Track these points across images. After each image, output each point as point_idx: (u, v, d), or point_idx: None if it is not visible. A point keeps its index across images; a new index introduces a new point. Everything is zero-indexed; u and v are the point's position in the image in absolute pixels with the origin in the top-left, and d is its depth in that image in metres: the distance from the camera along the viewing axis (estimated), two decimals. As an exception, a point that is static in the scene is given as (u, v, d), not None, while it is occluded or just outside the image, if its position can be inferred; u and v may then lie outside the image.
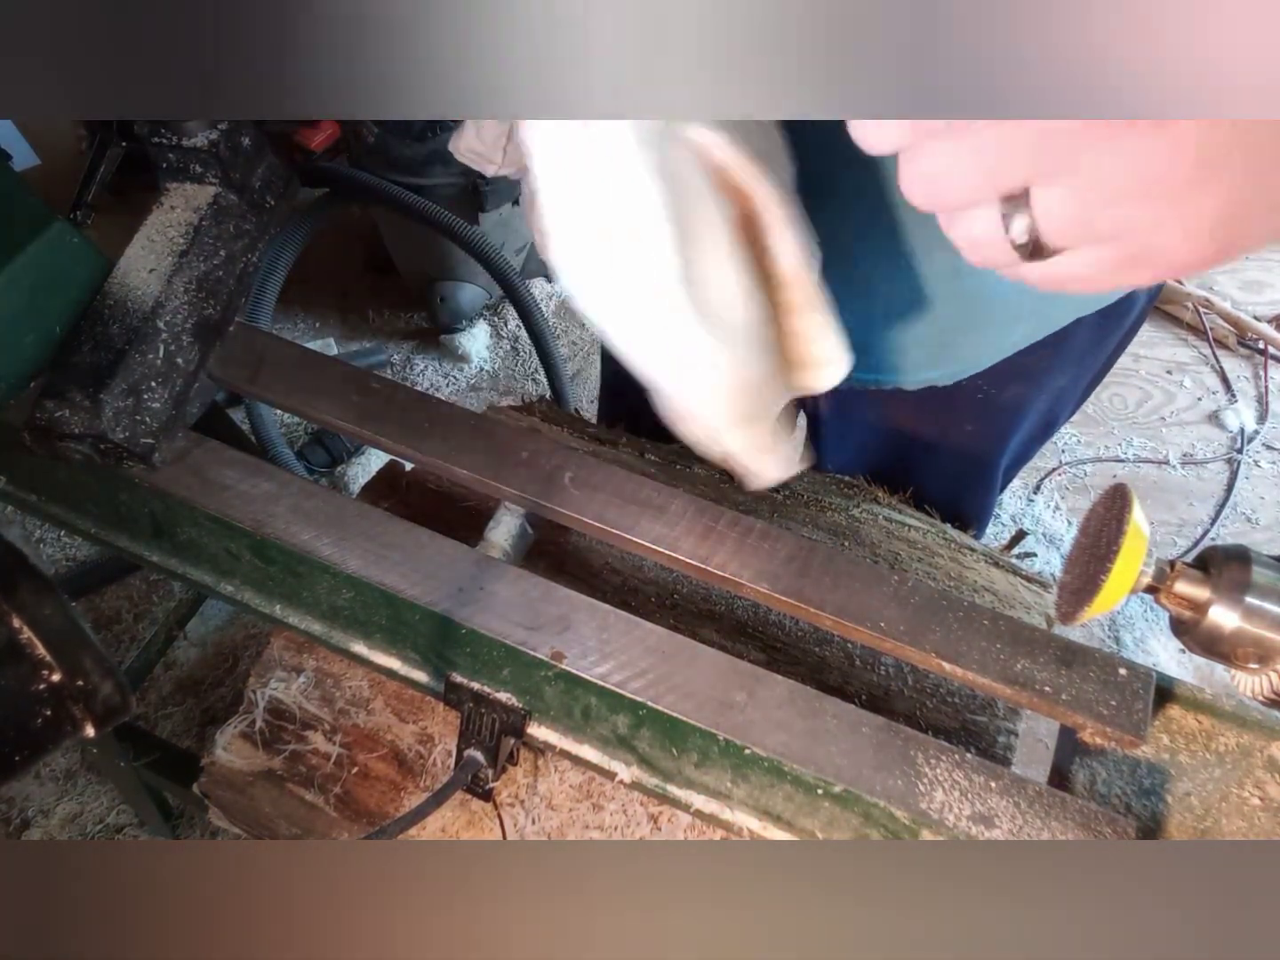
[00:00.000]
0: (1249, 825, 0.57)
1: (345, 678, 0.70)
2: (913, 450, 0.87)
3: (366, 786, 0.66)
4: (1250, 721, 0.61)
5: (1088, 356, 0.79)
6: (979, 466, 0.89)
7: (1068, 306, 0.69)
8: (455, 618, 0.58)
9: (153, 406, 0.61)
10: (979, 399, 0.79)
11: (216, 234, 0.64)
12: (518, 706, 0.59)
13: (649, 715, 0.56)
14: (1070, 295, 0.67)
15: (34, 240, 0.58)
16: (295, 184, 0.69)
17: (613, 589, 0.74)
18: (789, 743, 0.54)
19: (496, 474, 0.64)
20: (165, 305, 0.61)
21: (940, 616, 0.58)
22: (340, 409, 0.66)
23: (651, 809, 0.64)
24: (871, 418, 0.86)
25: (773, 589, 0.59)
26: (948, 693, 0.69)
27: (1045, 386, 0.80)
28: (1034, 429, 0.87)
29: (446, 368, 2.07)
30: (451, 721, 0.67)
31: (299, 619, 0.64)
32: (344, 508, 0.63)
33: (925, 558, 0.80)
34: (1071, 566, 0.52)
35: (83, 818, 1.39)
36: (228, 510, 0.62)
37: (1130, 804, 0.58)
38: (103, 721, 0.36)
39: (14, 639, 0.34)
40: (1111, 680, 0.56)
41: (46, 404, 0.59)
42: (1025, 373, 0.76)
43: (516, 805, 0.65)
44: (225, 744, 0.68)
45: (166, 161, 0.63)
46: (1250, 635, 0.48)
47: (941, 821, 0.52)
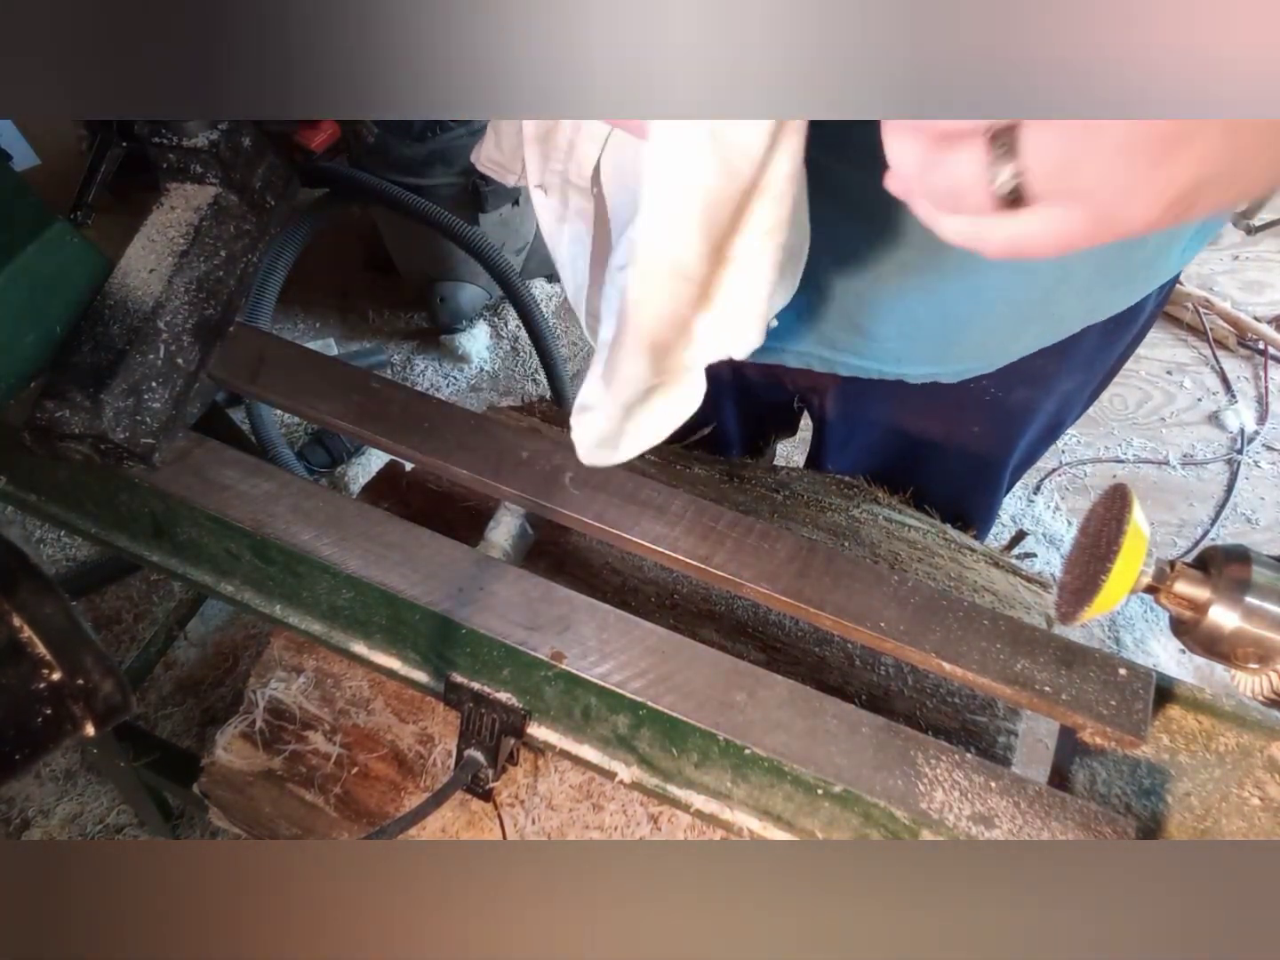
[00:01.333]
0: (1249, 825, 0.57)
1: (345, 678, 0.70)
2: (918, 452, 0.86)
3: (366, 786, 0.66)
4: (1250, 721, 0.61)
5: (1095, 361, 0.79)
6: (984, 468, 0.89)
7: (1077, 313, 0.68)
8: (455, 618, 0.58)
9: (153, 406, 0.61)
10: (986, 401, 0.79)
11: (217, 234, 0.64)
12: (518, 706, 0.59)
13: (649, 715, 0.56)
14: (1080, 301, 0.66)
15: (34, 240, 0.58)
16: (295, 184, 0.69)
17: (613, 589, 0.74)
18: (789, 743, 0.54)
19: (496, 474, 0.64)
20: (165, 305, 0.61)
21: (940, 617, 0.58)
22: (340, 409, 0.66)
23: (651, 809, 0.64)
24: (877, 418, 0.86)
25: (773, 589, 0.59)
26: (948, 693, 0.69)
27: (1053, 390, 0.80)
28: (1040, 432, 0.87)
29: (446, 368, 2.07)
30: (451, 721, 0.67)
31: (299, 619, 0.64)
32: (344, 508, 0.63)
33: (925, 558, 0.80)
34: (1071, 566, 0.52)
35: (83, 818, 1.39)
36: (228, 510, 0.62)
37: (1130, 804, 0.58)
38: (103, 721, 0.36)
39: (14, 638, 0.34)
40: (1111, 680, 0.56)
41: (46, 404, 0.59)
42: (1033, 376, 0.76)
43: (516, 805, 0.65)
44: (225, 744, 0.68)
45: (167, 161, 0.63)
46: (1250, 635, 0.48)
47: (941, 821, 0.52)
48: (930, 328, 0.68)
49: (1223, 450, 1.96)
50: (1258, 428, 1.99)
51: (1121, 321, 0.71)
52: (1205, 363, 2.12)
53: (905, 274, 0.64)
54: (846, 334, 0.70)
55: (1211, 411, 2.03)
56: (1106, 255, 0.60)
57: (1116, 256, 0.62)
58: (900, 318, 0.68)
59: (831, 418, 0.89)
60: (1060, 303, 0.65)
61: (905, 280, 0.64)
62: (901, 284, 0.65)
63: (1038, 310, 0.66)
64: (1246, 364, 2.11)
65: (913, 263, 0.62)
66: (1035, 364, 0.73)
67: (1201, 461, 1.95)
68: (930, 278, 0.64)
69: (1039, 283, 0.63)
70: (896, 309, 0.67)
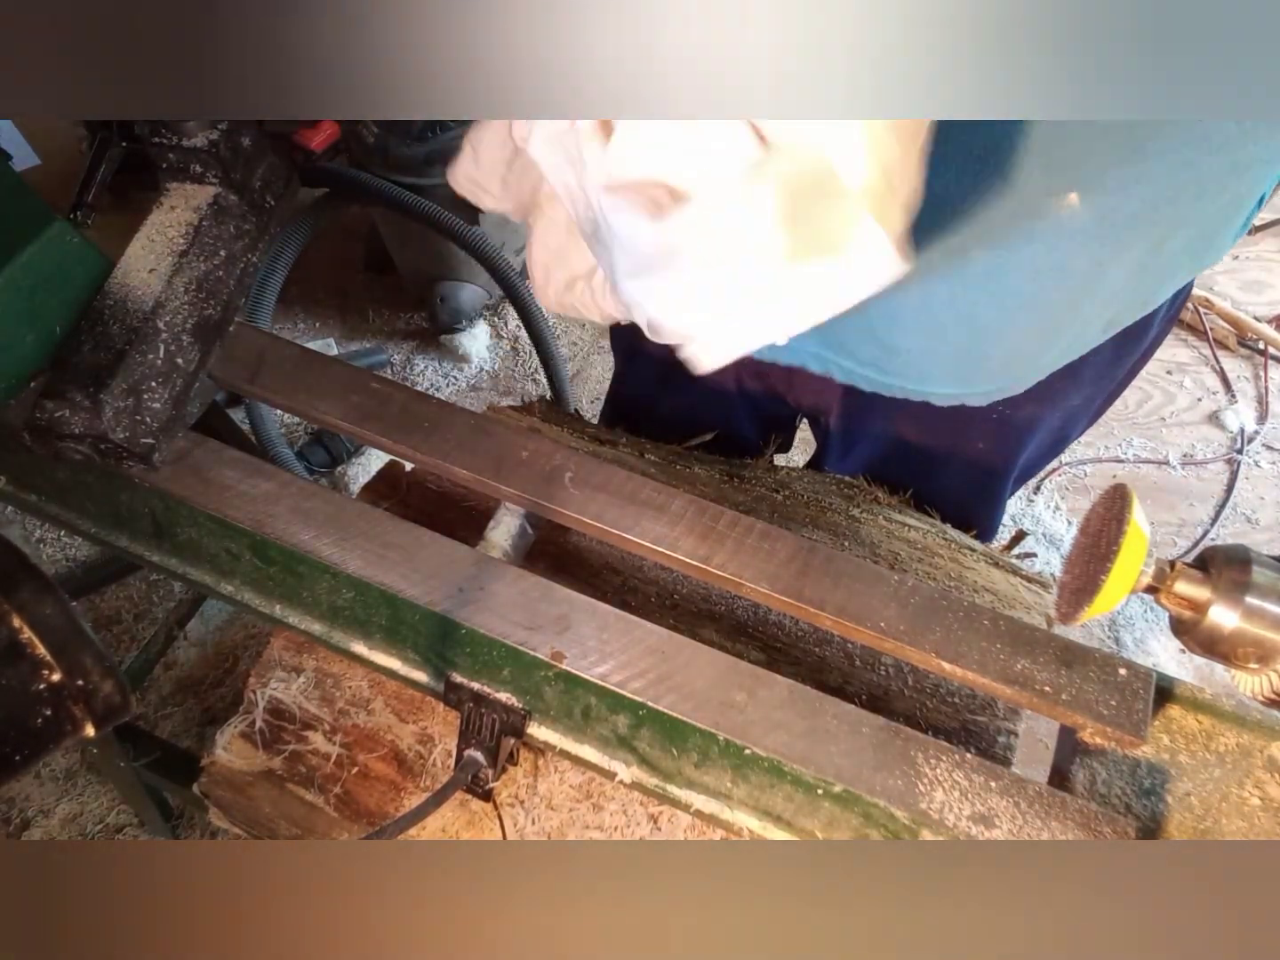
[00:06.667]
0: (1249, 825, 0.57)
1: (345, 678, 0.70)
2: (920, 464, 0.85)
3: (366, 786, 0.66)
4: (1250, 721, 0.61)
5: (1103, 378, 0.78)
6: (986, 481, 0.88)
7: (1100, 320, 0.66)
8: (455, 618, 0.58)
9: (153, 406, 0.61)
10: (993, 418, 0.78)
11: (216, 234, 0.64)
12: (518, 706, 0.59)
13: (649, 715, 0.56)
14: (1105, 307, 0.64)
15: (34, 240, 0.58)
16: (295, 184, 0.69)
17: (613, 589, 0.74)
18: (789, 743, 0.54)
19: (496, 474, 0.64)
20: (165, 305, 0.61)
21: (940, 616, 0.58)
22: (340, 409, 0.66)
23: (651, 809, 0.64)
24: (881, 432, 0.85)
25: (773, 589, 0.59)
26: (948, 693, 0.69)
27: (1060, 406, 0.79)
28: (1044, 446, 0.86)
29: (446, 368, 2.07)
30: (451, 721, 0.67)
31: (299, 619, 0.64)
32: (344, 508, 0.63)
33: (925, 558, 0.80)
34: (1071, 566, 0.52)
35: (83, 818, 1.39)
36: (228, 510, 0.62)
37: (1130, 804, 0.58)
38: (103, 721, 0.36)
39: (14, 638, 0.34)
40: (1111, 680, 0.56)
41: (46, 404, 0.59)
42: (1042, 394, 0.74)
43: (516, 805, 0.65)
44: (225, 744, 0.68)
45: (166, 161, 0.63)
46: (1250, 635, 0.48)
47: (941, 821, 0.52)
48: (956, 340, 0.66)
49: (1223, 450, 1.96)
50: (1258, 428, 1.99)
51: (1132, 334, 0.71)
52: (1205, 362, 2.12)
53: (929, 278, 0.62)
54: (869, 346, 0.69)
55: (1211, 411, 2.03)
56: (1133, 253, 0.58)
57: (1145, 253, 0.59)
58: (925, 328, 0.66)
59: (834, 429, 0.88)
60: (1086, 307, 0.64)
61: (929, 286, 0.62)
62: (925, 291, 0.63)
63: (1065, 317, 0.64)
64: (1246, 364, 2.11)
65: (936, 265, 0.61)
66: (1045, 381, 0.71)
67: (1201, 461, 1.95)
68: (955, 283, 0.62)
69: (1067, 286, 0.61)
70: (922, 318, 0.65)
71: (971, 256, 0.60)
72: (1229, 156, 0.52)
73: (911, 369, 0.70)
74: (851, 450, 0.89)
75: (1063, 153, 0.52)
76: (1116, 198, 0.54)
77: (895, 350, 0.68)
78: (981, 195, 0.55)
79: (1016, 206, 0.55)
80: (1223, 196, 0.57)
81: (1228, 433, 1.99)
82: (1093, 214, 0.55)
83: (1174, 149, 0.51)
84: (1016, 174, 0.53)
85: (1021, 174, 0.53)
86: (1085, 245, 0.57)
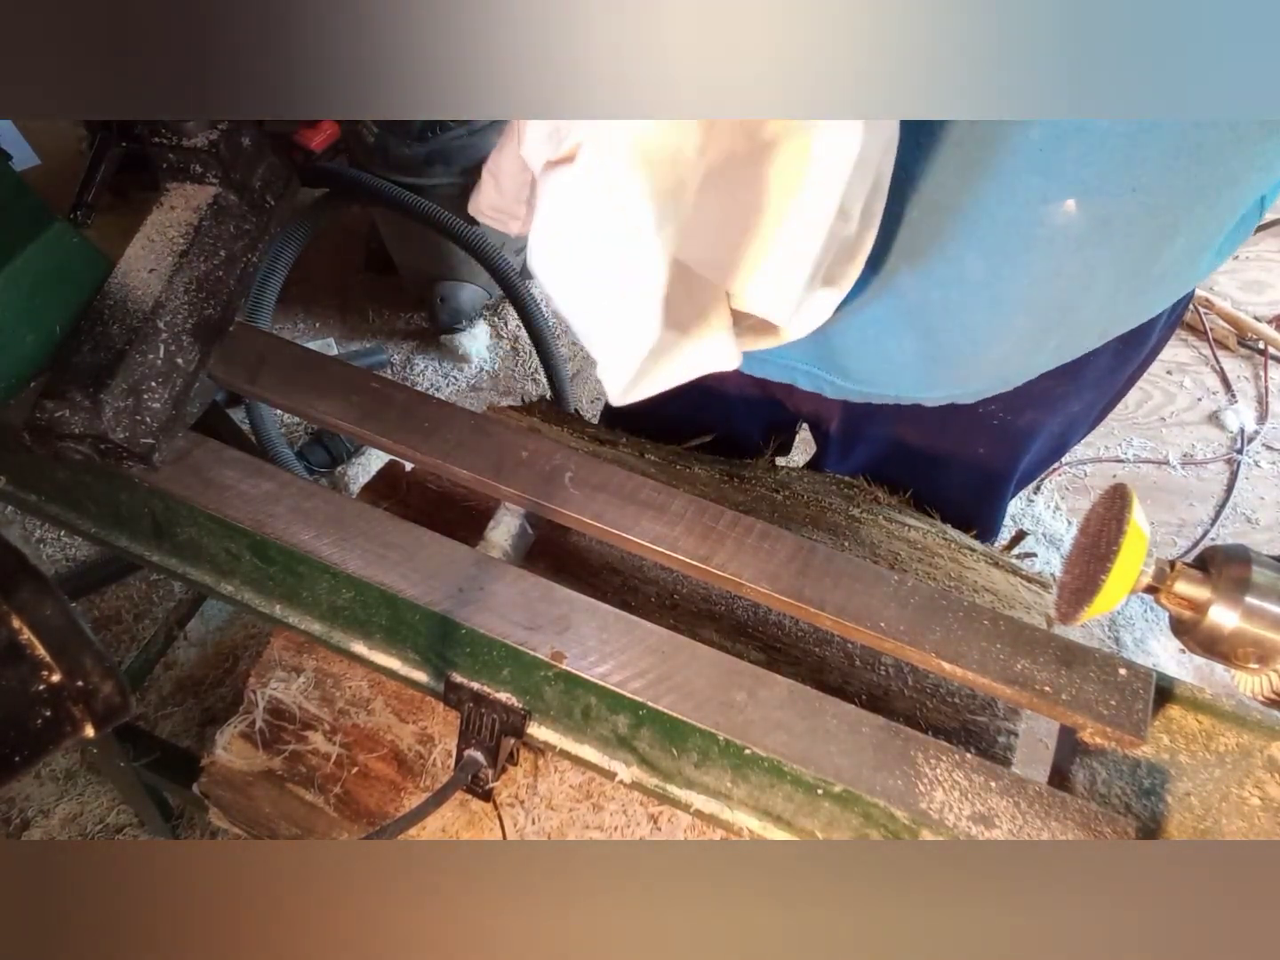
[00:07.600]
0: (1249, 825, 0.57)
1: (345, 678, 0.70)
2: (919, 468, 0.85)
3: (366, 786, 0.66)
4: (1250, 721, 0.61)
5: (1104, 383, 0.78)
6: (987, 486, 0.88)
7: (1096, 325, 0.66)
8: (455, 618, 0.58)
9: (153, 406, 0.60)
10: (994, 424, 0.78)
11: (217, 234, 0.64)
12: (518, 706, 0.59)
13: (649, 715, 0.56)
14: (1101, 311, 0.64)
15: (34, 240, 0.58)
16: (295, 184, 0.69)
17: (613, 589, 0.74)
18: (789, 743, 0.54)
19: (496, 474, 0.64)
20: (165, 305, 0.61)
21: (940, 616, 0.58)
22: (340, 409, 0.66)
23: (651, 809, 0.64)
24: (879, 435, 0.85)
25: (773, 589, 0.59)
26: (948, 693, 0.69)
27: (1061, 412, 0.79)
28: (1045, 451, 0.86)
29: (446, 368, 2.07)
30: (451, 721, 0.67)
31: (299, 619, 0.64)
32: (344, 508, 0.63)
33: (925, 558, 0.80)
34: (1071, 566, 0.52)
35: (83, 818, 1.39)
36: (228, 510, 0.62)
37: (1130, 804, 0.58)
38: (103, 721, 0.36)
39: (14, 639, 0.34)
40: (1111, 680, 0.56)
41: (46, 404, 0.59)
42: (1043, 399, 0.74)
43: (516, 805, 0.65)
44: (225, 744, 0.68)
45: (166, 161, 0.63)
46: (1250, 635, 0.48)
47: (941, 821, 0.52)
48: (951, 345, 0.66)
49: (1223, 450, 1.96)
50: (1258, 427, 1.99)
51: (1132, 341, 0.70)
52: (1205, 362, 2.12)
53: (926, 285, 0.62)
54: (860, 361, 0.68)
55: (1211, 411, 2.03)
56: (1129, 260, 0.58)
57: (1141, 260, 0.60)
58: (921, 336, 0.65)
59: (834, 434, 0.88)
60: (1080, 311, 0.64)
61: (926, 293, 0.62)
62: (922, 298, 0.63)
63: (1057, 320, 0.64)
64: (1246, 364, 2.11)
65: (934, 272, 0.61)
66: (1046, 386, 0.71)
67: (1201, 461, 1.95)
68: (951, 290, 0.62)
69: (1061, 288, 0.61)
70: (918, 326, 0.65)
71: (968, 263, 0.60)
72: (1223, 166, 0.52)
73: (905, 377, 0.70)
74: (851, 452, 0.89)
75: (1060, 160, 0.52)
76: (1114, 205, 0.54)
77: (889, 360, 0.68)
78: (977, 199, 0.55)
79: (1014, 213, 0.55)
80: (1218, 205, 0.57)
81: (1228, 433, 1.99)
82: (1090, 221, 0.55)
83: (1169, 157, 0.51)
84: (1013, 181, 0.53)
85: (1019, 181, 0.53)
86: (1081, 252, 0.57)
